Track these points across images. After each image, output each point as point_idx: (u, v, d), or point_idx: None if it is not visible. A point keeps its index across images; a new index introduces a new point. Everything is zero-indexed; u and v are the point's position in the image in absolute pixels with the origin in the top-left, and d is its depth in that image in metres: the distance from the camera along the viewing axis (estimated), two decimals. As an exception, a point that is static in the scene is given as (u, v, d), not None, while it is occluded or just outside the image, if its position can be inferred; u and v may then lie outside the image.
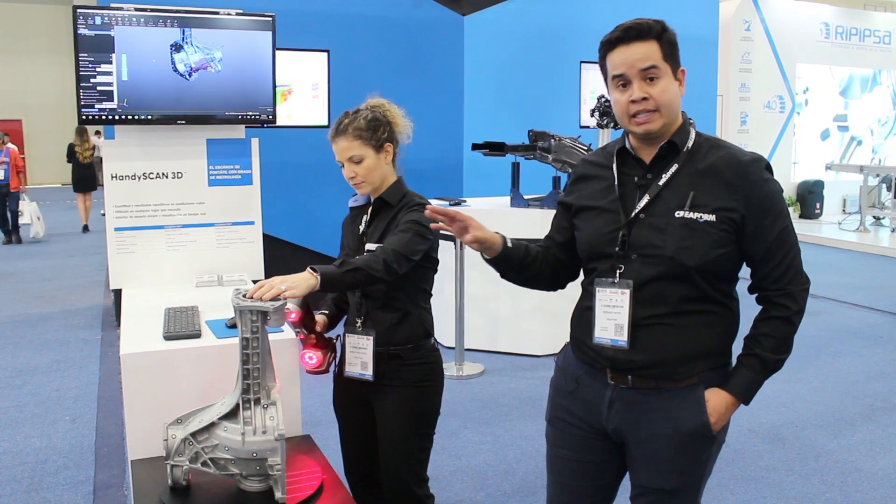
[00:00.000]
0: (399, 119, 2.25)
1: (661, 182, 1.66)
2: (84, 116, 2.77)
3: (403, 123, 2.26)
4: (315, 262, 1.97)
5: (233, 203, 3.03)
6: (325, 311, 2.33)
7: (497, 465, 3.53)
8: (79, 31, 2.69)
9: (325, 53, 5.59)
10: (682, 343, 1.66)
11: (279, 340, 2.10)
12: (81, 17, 2.69)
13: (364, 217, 2.26)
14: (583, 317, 1.78)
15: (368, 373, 2.18)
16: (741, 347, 1.73)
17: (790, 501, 3.20)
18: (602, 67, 1.70)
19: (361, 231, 2.24)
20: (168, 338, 2.15)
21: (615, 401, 1.72)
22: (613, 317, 1.68)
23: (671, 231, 1.62)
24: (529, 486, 3.31)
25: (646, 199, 1.66)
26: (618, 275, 1.68)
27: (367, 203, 2.28)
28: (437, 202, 5.10)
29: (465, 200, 5.67)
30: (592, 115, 5.53)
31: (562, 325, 2.00)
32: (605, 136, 5.46)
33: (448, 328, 4.97)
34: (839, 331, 5.95)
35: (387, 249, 2.05)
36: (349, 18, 6.31)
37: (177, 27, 2.79)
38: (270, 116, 3.01)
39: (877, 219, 11.28)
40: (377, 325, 2.18)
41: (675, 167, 1.66)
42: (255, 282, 1.84)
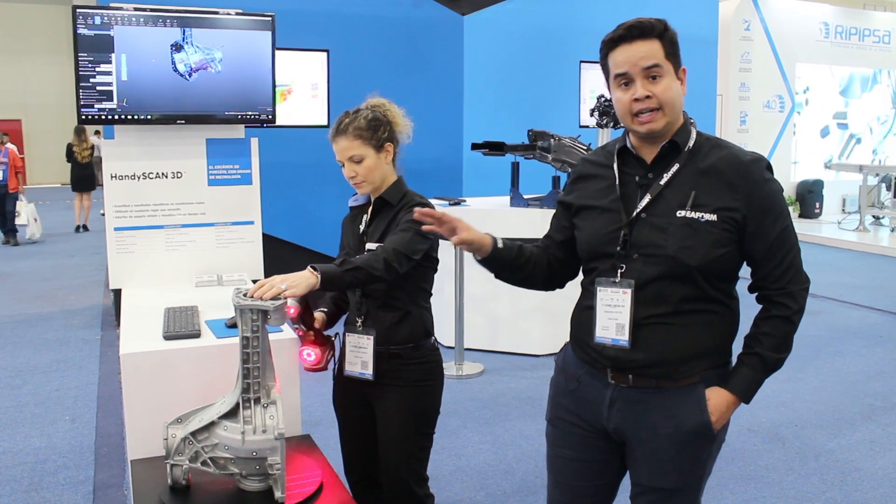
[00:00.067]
0: (399, 119, 2.25)
1: (663, 181, 1.66)
2: (84, 116, 2.77)
3: (404, 123, 2.26)
4: (315, 262, 1.97)
5: (232, 203, 3.03)
6: (324, 309, 2.32)
7: (497, 465, 3.53)
8: (78, 31, 2.70)
9: (325, 53, 5.59)
10: (683, 342, 1.66)
11: (279, 340, 2.10)
12: (81, 17, 2.69)
13: (364, 216, 2.26)
14: (583, 316, 1.78)
15: (368, 372, 2.18)
16: (741, 346, 1.73)
17: (790, 501, 3.20)
18: (603, 66, 1.70)
19: (362, 230, 2.24)
20: (168, 337, 2.15)
21: (616, 400, 1.72)
22: (615, 316, 1.68)
23: (673, 231, 1.62)
24: (529, 486, 3.31)
25: (647, 199, 1.66)
26: (619, 274, 1.68)
27: (368, 202, 2.28)
28: (437, 202, 5.11)
29: (465, 200, 5.66)
30: (592, 115, 5.53)
31: (562, 325, 2.00)
32: (605, 136, 5.46)
33: (448, 328, 4.97)
34: (839, 330, 5.95)
35: (387, 249, 2.05)
36: (349, 18, 6.31)
37: (176, 27, 2.79)
38: (270, 116, 3.01)
39: (876, 218, 11.29)
40: (377, 325, 2.18)
41: (677, 167, 1.66)
42: (255, 281, 1.84)
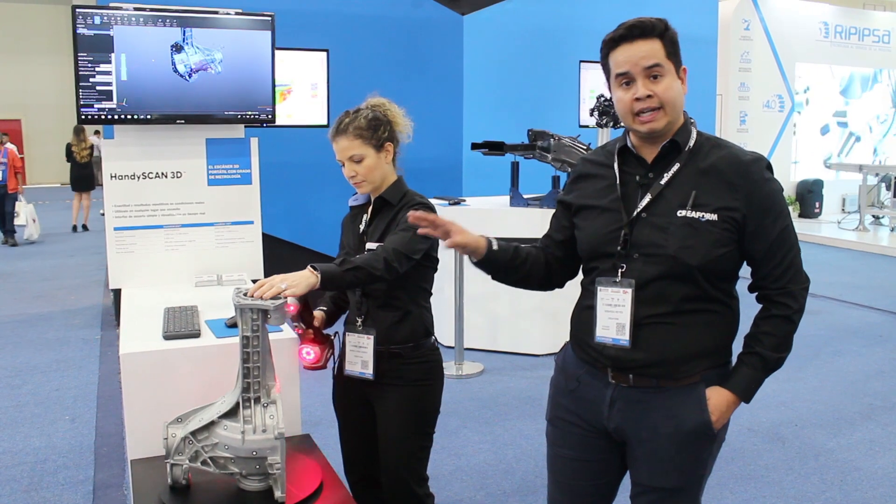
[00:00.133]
0: (399, 118, 2.25)
1: (663, 181, 1.66)
2: (83, 116, 2.77)
3: (404, 123, 2.26)
4: (315, 262, 1.97)
5: (232, 203, 3.03)
6: (324, 308, 2.32)
7: (497, 465, 3.53)
8: (78, 31, 2.69)
9: (325, 53, 5.59)
10: (684, 342, 1.66)
11: (279, 340, 2.10)
12: (81, 17, 2.69)
13: (364, 216, 2.26)
14: (583, 316, 1.78)
15: (369, 371, 2.18)
16: (741, 346, 1.73)
17: (790, 500, 3.21)
18: (604, 66, 1.69)
19: (362, 230, 2.24)
20: (167, 337, 2.15)
21: (616, 400, 1.72)
22: (615, 316, 1.68)
23: (673, 230, 1.62)
24: (529, 486, 3.31)
25: (648, 198, 1.66)
26: (620, 274, 1.68)
27: (368, 202, 2.28)
28: (437, 202, 5.11)
29: (465, 200, 5.66)
30: (592, 115, 5.54)
31: (562, 325, 2.00)
32: (605, 136, 5.46)
33: (448, 327, 4.97)
34: (839, 330, 5.95)
35: (387, 248, 2.05)
36: (348, 18, 6.31)
37: (176, 27, 2.79)
38: (270, 116, 3.01)
39: (876, 218, 11.29)
40: (378, 324, 2.18)
41: (677, 166, 1.66)
42: (255, 281, 1.84)
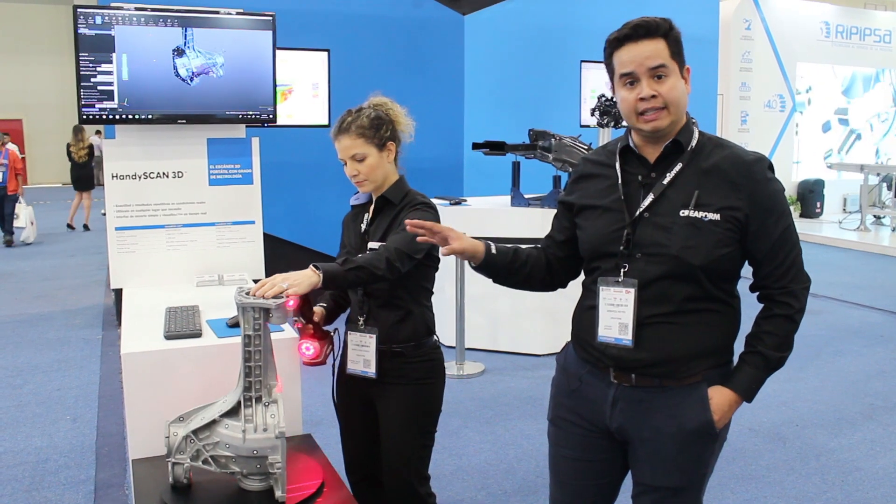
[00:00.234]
0: (401, 118, 2.25)
1: (666, 181, 1.66)
2: (84, 116, 2.77)
3: (406, 122, 2.26)
4: (316, 262, 1.97)
5: (233, 202, 3.03)
6: (324, 305, 2.32)
7: (498, 465, 3.53)
8: (79, 31, 2.69)
9: (326, 53, 5.58)
10: (686, 341, 1.66)
11: (281, 339, 2.10)
12: (82, 17, 2.69)
13: (366, 215, 2.26)
14: (585, 316, 1.78)
15: (371, 370, 2.18)
16: (742, 345, 1.73)
17: (791, 500, 3.20)
18: (608, 65, 1.69)
19: (364, 229, 2.24)
20: (169, 337, 2.15)
21: (618, 399, 1.72)
22: (618, 315, 1.68)
23: (676, 230, 1.62)
24: (530, 486, 3.30)
25: (650, 198, 1.66)
26: (622, 274, 1.68)
27: (369, 201, 2.28)
28: (438, 202, 5.10)
29: (466, 200, 5.66)
30: (593, 115, 5.53)
31: (563, 325, 2.00)
32: (606, 136, 5.46)
33: (448, 327, 4.96)
34: (840, 330, 5.95)
35: (389, 248, 2.05)
36: (349, 18, 6.32)
37: (177, 27, 2.79)
38: (271, 116, 3.01)
39: (877, 218, 11.28)
40: (380, 323, 2.18)
41: (680, 166, 1.66)
42: (257, 281, 1.84)
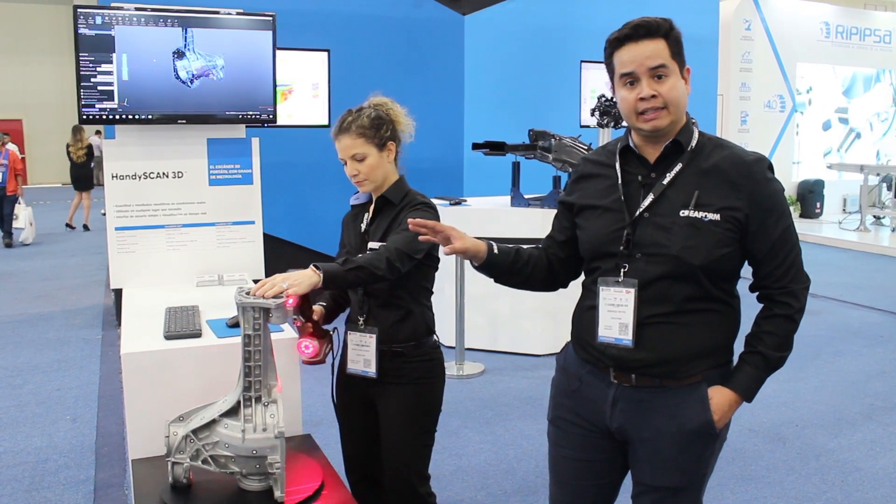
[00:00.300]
0: (402, 118, 2.25)
1: (666, 181, 1.66)
2: (85, 116, 2.77)
3: (406, 122, 2.26)
4: (316, 262, 1.97)
5: (233, 202, 3.03)
6: (323, 303, 2.32)
7: (498, 465, 3.53)
8: (79, 31, 2.70)
9: (326, 53, 5.59)
10: (686, 341, 1.66)
11: (281, 339, 2.10)
12: (82, 17, 2.69)
13: (366, 215, 2.26)
14: (585, 316, 1.78)
15: (371, 370, 2.18)
16: (742, 345, 1.74)
17: (790, 501, 3.20)
18: (608, 65, 1.69)
19: (364, 229, 2.24)
20: (169, 337, 2.15)
21: (618, 399, 1.72)
22: (618, 316, 1.68)
23: (676, 230, 1.63)
24: (530, 486, 3.30)
25: (650, 198, 1.66)
26: (622, 274, 1.68)
27: (369, 201, 2.28)
28: (438, 202, 5.10)
29: (466, 200, 5.66)
30: (593, 115, 5.53)
31: (563, 325, 2.00)
32: (606, 136, 5.46)
33: (448, 327, 4.96)
34: (839, 330, 5.95)
35: (389, 248, 2.05)
36: (349, 18, 6.32)
37: (177, 27, 2.79)
38: (271, 116, 3.01)
39: (877, 218, 11.28)
40: (380, 323, 2.18)
41: (680, 166, 1.66)
42: (256, 281, 1.84)
